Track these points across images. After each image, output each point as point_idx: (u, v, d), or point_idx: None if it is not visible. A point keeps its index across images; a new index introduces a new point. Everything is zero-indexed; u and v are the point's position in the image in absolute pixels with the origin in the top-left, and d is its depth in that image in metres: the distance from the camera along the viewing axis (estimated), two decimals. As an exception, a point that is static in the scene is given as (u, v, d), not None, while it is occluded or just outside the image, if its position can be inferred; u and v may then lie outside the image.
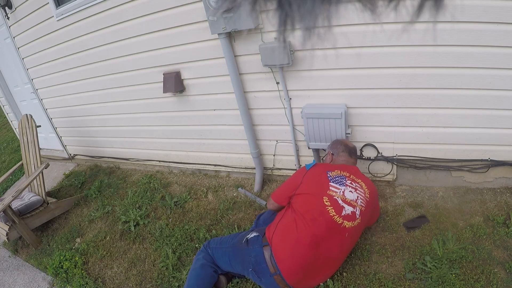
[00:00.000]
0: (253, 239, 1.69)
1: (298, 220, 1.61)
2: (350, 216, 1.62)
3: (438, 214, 1.95)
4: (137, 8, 2.35)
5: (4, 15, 3.17)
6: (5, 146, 5.66)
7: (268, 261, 1.58)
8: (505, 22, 1.55)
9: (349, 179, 1.73)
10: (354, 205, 1.65)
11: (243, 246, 1.69)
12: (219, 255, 1.76)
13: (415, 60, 1.78)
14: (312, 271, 1.58)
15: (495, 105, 1.79)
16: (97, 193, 3.11)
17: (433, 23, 1.44)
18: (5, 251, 2.81)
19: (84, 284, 2.15)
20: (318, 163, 1.86)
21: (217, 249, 1.79)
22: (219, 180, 2.84)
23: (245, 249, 1.67)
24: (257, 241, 1.66)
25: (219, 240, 1.83)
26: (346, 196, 1.66)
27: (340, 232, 1.59)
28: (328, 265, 1.63)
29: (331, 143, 2.04)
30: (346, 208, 1.63)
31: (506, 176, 1.99)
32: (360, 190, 1.72)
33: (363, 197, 1.70)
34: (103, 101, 3.12)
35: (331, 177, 1.72)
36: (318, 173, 1.76)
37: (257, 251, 1.63)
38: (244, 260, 1.67)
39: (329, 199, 1.63)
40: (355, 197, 1.67)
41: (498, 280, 1.53)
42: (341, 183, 1.70)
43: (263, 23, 1.98)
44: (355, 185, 1.72)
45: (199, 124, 2.72)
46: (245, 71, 2.24)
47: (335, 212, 1.60)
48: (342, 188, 1.68)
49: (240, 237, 1.76)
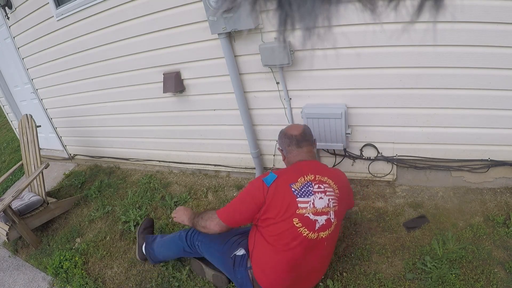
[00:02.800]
0: (239, 259, 1.64)
1: (271, 248, 1.51)
2: (325, 225, 1.51)
3: (438, 214, 1.95)
4: (137, 8, 2.35)
5: (4, 15, 3.17)
6: (5, 146, 5.66)
7: (254, 283, 1.59)
8: (505, 22, 1.55)
9: (316, 182, 1.54)
10: (326, 211, 1.51)
11: (231, 262, 1.67)
12: (209, 255, 1.79)
13: (415, 60, 1.78)
14: (297, 285, 1.56)
15: (495, 105, 1.79)
16: (97, 193, 3.11)
17: (433, 23, 1.44)
18: (5, 251, 2.81)
19: (84, 284, 2.15)
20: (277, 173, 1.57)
21: (205, 248, 1.78)
22: (219, 180, 2.84)
23: (233, 268, 1.66)
24: (242, 263, 1.63)
25: (207, 238, 1.77)
26: (317, 207, 1.50)
27: (317, 246, 1.51)
28: (313, 275, 1.61)
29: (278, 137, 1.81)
30: (319, 220, 1.50)
31: (506, 176, 1.99)
32: (330, 190, 1.55)
33: (334, 196, 1.56)
34: (103, 101, 3.12)
35: (297, 191, 1.50)
36: (281, 191, 1.51)
37: (243, 274, 1.62)
38: (231, 275, 1.68)
39: (300, 219, 1.48)
40: (326, 202, 1.52)
41: (498, 280, 1.53)
42: (309, 192, 1.51)
43: (263, 23, 1.98)
44: (323, 187, 1.54)
45: (199, 124, 2.72)
46: (245, 71, 2.24)
47: (309, 230, 1.48)
48: (311, 199, 1.50)
49: (228, 247, 1.70)
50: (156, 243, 2.02)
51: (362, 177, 2.32)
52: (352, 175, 2.35)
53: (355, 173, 2.34)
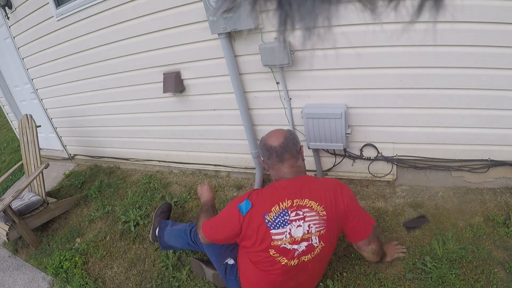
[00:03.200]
0: (230, 267, 1.64)
1: (255, 267, 1.48)
2: (305, 251, 1.43)
3: (438, 214, 1.95)
4: (137, 8, 2.35)
5: (4, 15, 3.17)
6: (5, 146, 5.66)
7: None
8: (505, 22, 1.55)
9: (293, 209, 1.41)
10: (307, 238, 1.41)
11: (223, 268, 1.68)
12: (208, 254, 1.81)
13: (415, 60, 1.78)
14: None
15: (495, 105, 1.79)
16: (97, 193, 3.11)
17: (433, 23, 1.44)
18: (5, 251, 2.81)
19: (84, 284, 2.15)
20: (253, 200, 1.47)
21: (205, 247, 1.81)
22: (219, 180, 2.84)
23: (224, 275, 1.67)
24: (232, 272, 1.63)
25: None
26: (294, 236, 1.40)
27: (301, 269, 1.45)
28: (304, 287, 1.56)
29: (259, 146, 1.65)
30: (297, 247, 1.42)
31: (506, 176, 1.99)
32: (311, 214, 1.41)
33: (318, 220, 1.41)
34: (103, 101, 3.12)
35: (270, 222, 1.41)
36: (255, 222, 1.44)
37: (233, 283, 1.62)
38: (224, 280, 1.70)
39: (276, 250, 1.42)
40: (305, 229, 1.41)
41: (498, 280, 1.53)
42: (284, 222, 1.40)
43: (263, 23, 1.98)
44: (302, 212, 1.41)
45: (199, 124, 2.72)
46: (245, 71, 2.24)
47: (287, 259, 1.42)
48: (286, 228, 1.40)
49: (223, 251, 1.71)
50: (167, 231, 2.08)
51: (362, 177, 2.33)
52: (352, 175, 2.35)
53: (355, 173, 2.34)
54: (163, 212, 2.33)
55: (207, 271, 1.86)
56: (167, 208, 2.39)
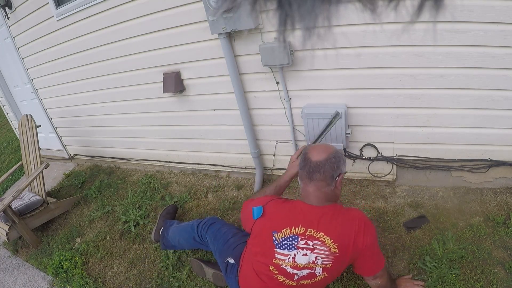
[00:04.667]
0: (230, 266, 1.64)
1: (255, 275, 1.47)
2: (306, 277, 1.38)
3: (438, 214, 1.95)
4: (137, 8, 2.35)
5: (4, 15, 3.17)
6: (5, 146, 5.66)
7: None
8: (505, 22, 1.55)
9: (304, 238, 1.35)
10: (311, 267, 1.36)
11: (224, 266, 1.68)
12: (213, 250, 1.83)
13: (415, 60, 1.78)
14: None
15: (495, 105, 1.79)
16: (97, 193, 3.11)
17: (433, 23, 1.44)
18: (5, 251, 2.81)
19: (84, 284, 2.15)
20: (265, 209, 1.47)
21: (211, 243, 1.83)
22: (219, 180, 2.84)
23: (225, 272, 1.67)
24: (232, 271, 1.63)
25: (213, 235, 1.83)
26: (297, 262, 1.36)
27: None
28: None
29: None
30: (298, 272, 1.37)
31: (506, 176, 1.99)
32: (321, 248, 1.34)
33: (326, 255, 1.34)
34: (103, 101, 3.12)
35: (277, 242, 1.38)
36: (263, 233, 1.44)
37: (232, 281, 1.62)
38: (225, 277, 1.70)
39: (276, 268, 1.39)
40: (311, 259, 1.35)
41: (498, 280, 1.53)
42: (291, 247, 1.36)
43: (263, 23, 1.98)
44: (312, 244, 1.34)
45: (199, 124, 2.72)
46: (245, 71, 2.24)
47: (285, 278, 1.38)
48: (291, 253, 1.36)
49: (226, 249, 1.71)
50: (172, 228, 2.10)
51: (362, 177, 2.33)
52: (352, 175, 2.35)
53: (355, 173, 2.34)
54: (168, 213, 2.34)
55: (207, 271, 1.86)
56: (173, 209, 2.39)
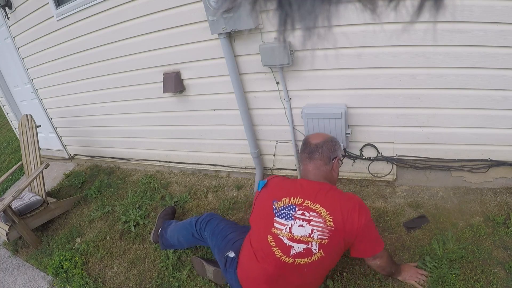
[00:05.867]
0: (230, 260, 1.65)
1: (252, 256, 1.51)
2: (303, 254, 1.39)
3: (438, 214, 1.95)
4: (137, 8, 2.35)
5: (4, 15, 3.17)
6: (5, 146, 5.66)
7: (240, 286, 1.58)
8: (505, 22, 1.55)
9: (301, 208, 1.42)
10: (307, 241, 1.39)
11: (223, 261, 1.69)
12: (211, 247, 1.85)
13: (415, 60, 1.78)
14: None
15: (495, 105, 1.79)
16: (97, 193, 3.11)
17: (433, 23, 1.44)
18: (5, 251, 2.81)
19: (84, 284, 2.15)
20: (269, 181, 1.57)
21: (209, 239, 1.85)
22: (219, 180, 2.84)
23: (224, 267, 1.67)
24: (232, 265, 1.64)
25: (211, 231, 1.85)
26: (294, 233, 1.40)
27: (295, 270, 1.42)
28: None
29: None
30: (295, 246, 1.40)
31: (506, 176, 1.99)
32: (317, 221, 1.39)
33: (322, 228, 1.38)
34: (103, 101, 3.12)
35: (277, 210, 1.45)
36: (264, 202, 1.51)
37: (232, 275, 1.63)
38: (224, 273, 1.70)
39: (274, 238, 1.43)
40: (307, 232, 1.39)
41: (498, 280, 1.53)
42: (288, 216, 1.42)
43: (263, 23, 1.98)
44: (309, 215, 1.40)
45: (199, 124, 2.72)
46: (245, 71, 2.24)
47: (282, 253, 1.41)
48: (289, 223, 1.42)
49: (224, 245, 1.73)
50: (170, 227, 2.11)
51: (362, 177, 2.33)
52: (352, 175, 2.35)
53: (355, 173, 2.34)
54: (167, 215, 2.34)
55: (208, 268, 1.86)
56: (171, 211, 2.39)
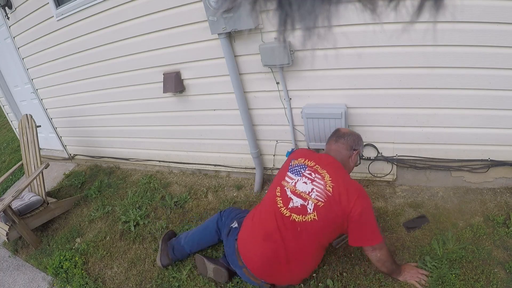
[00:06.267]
0: (233, 230, 1.78)
1: (255, 214, 1.69)
2: (299, 209, 1.53)
3: (438, 214, 1.95)
4: (137, 8, 2.35)
5: (4, 15, 3.17)
6: (5, 146, 5.66)
7: (237, 254, 1.69)
8: (505, 22, 1.55)
9: (310, 169, 1.60)
10: (305, 197, 1.54)
11: (227, 231, 1.80)
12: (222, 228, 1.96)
13: (415, 60, 1.78)
14: (275, 266, 1.59)
15: (495, 105, 1.79)
16: (97, 193, 3.11)
17: (433, 23, 1.44)
18: (5, 251, 2.81)
19: (84, 284, 2.15)
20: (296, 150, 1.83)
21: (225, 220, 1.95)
22: (219, 180, 2.84)
23: (227, 236, 1.79)
24: (233, 234, 1.75)
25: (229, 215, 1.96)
26: (297, 187, 1.57)
27: (290, 226, 1.54)
28: (292, 261, 1.58)
29: None
30: (294, 199, 1.56)
31: (506, 176, 1.99)
32: (319, 182, 1.54)
33: (321, 190, 1.52)
34: (103, 101, 3.12)
35: (291, 166, 1.67)
36: (286, 163, 1.75)
37: (231, 243, 1.73)
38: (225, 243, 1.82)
39: (280, 190, 1.62)
40: (308, 189, 1.54)
41: (498, 280, 1.53)
42: (298, 173, 1.61)
43: (263, 23, 1.98)
44: (314, 176, 1.57)
45: (199, 124, 2.72)
46: (245, 71, 2.24)
47: (282, 204, 1.58)
48: (296, 178, 1.60)
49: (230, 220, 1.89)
50: (184, 235, 2.09)
51: (362, 177, 2.32)
52: (352, 175, 2.33)
53: (355, 173, 2.33)
54: (170, 238, 2.22)
55: (208, 266, 1.86)
56: (173, 235, 2.27)
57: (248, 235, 1.68)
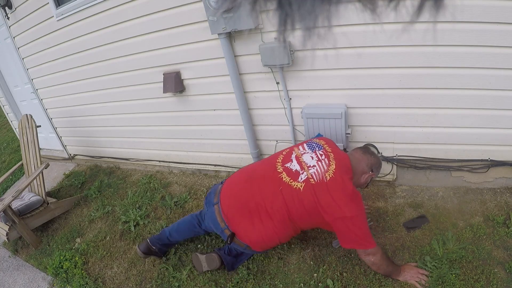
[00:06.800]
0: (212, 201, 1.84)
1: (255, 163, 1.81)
2: (292, 173, 1.58)
3: (438, 214, 1.95)
4: (137, 8, 2.35)
5: (4, 15, 3.17)
6: (5, 146, 5.66)
7: (217, 193, 1.79)
8: (505, 22, 1.55)
9: (324, 152, 1.63)
10: (303, 167, 1.58)
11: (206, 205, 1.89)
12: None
13: (415, 60, 1.78)
14: (243, 210, 1.65)
15: (495, 105, 1.79)
16: (97, 193, 3.11)
17: (433, 23, 1.44)
18: (5, 251, 2.81)
19: (84, 284, 2.15)
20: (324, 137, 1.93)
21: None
22: (219, 180, 2.84)
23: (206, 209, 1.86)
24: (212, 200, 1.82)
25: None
26: (302, 156, 1.63)
27: (275, 182, 1.59)
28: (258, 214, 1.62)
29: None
30: (293, 163, 1.62)
31: (506, 176, 1.99)
32: (323, 165, 1.57)
33: (320, 172, 1.54)
34: (103, 101, 3.12)
35: (310, 142, 1.73)
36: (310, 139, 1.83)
37: (216, 186, 1.85)
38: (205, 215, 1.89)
39: (288, 152, 1.70)
40: (310, 164, 1.59)
41: (498, 280, 1.53)
42: (312, 148, 1.66)
43: (263, 23, 1.98)
44: (323, 158, 1.60)
45: (199, 124, 2.72)
46: (245, 71, 2.24)
47: (281, 162, 1.65)
48: (307, 151, 1.65)
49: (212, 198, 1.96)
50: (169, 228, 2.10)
51: (362, 177, 2.32)
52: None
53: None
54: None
55: (201, 258, 1.91)
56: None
57: (235, 175, 1.81)
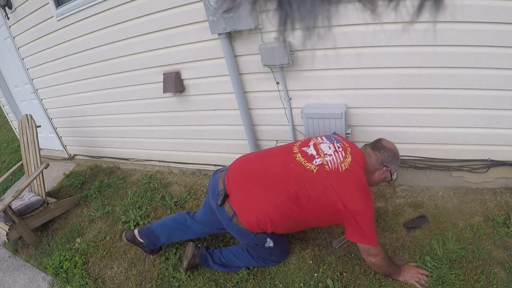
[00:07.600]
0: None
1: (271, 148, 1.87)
2: (307, 156, 1.58)
3: (438, 214, 1.95)
4: (137, 8, 2.35)
5: (4, 15, 3.17)
6: (5, 146, 5.66)
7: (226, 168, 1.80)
8: (505, 22, 1.55)
9: (342, 146, 1.61)
10: (319, 154, 1.57)
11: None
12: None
13: (415, 60, 1.78)
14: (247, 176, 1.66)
15: (495, 105, 1.79)
16: (97, 193, 3.11)
17: (433, 23, 1.44)
18: (5, 251, 2.81)
19: (84, 284, 2.15)
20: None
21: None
22: (219, 180, 2.83)
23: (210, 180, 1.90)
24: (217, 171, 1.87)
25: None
26: (320, 145, 1.62)
27: (288, 159, 1.60)
28: (262, 185, 1.58)
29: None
30: (310, 148, 1.62)
31: (506, 176, 1.99)
32: (339, 156, 1.55)
33: (336, 162, 1.53)
34: (103, 101, 3.12)
35: (329, 136, 1.73)
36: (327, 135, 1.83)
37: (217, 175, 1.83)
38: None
39: (306, 140, 1.71)
40: (327, 152, 1.58)
41: (498, 280, 1.53)
42: (331, 140, 1.66)
43: (263, 23, 1.98)
44: (340, 150, 1.59)
45: (199, 124, 2.72)
46: (245, 71, 2.24)
47: (298, 145, 1.67)
48: (326, 142, 1.65)
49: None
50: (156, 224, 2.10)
51: (362, 177, 2.32)
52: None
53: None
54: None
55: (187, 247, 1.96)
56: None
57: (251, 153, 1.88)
